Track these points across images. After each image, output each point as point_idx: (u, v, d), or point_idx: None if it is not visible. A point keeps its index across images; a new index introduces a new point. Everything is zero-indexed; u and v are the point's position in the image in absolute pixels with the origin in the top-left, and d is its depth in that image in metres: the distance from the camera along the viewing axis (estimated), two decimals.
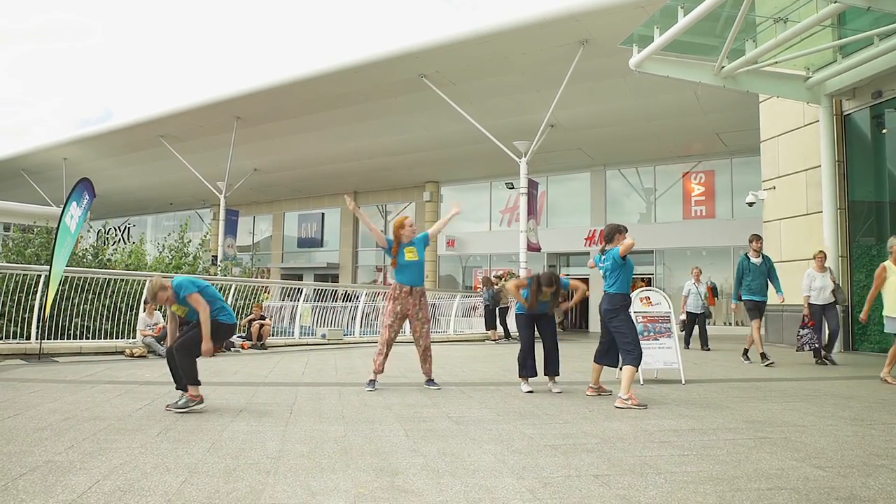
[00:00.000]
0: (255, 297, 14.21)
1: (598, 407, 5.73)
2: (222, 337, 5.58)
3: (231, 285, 13.30)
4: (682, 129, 20.75)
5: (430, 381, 7.02)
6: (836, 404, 5.92)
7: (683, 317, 13.31)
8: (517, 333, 7.16)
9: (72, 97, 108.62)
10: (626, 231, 6.36)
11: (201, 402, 5.28)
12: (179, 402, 5.23)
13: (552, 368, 6.79)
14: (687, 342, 13.24)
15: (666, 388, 7.01)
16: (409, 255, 6.89)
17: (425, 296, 7.09)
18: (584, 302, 25.06)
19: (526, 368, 6.81)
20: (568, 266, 27.20)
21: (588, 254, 24.20)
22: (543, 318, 6.81)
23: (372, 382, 6.80)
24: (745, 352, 10.35)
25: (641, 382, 7.22)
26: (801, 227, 14.05)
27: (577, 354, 12.06)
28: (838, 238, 12.86)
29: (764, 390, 6.90)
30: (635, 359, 5.91)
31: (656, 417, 5.21)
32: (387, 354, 6.89)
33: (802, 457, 3.87)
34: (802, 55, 11.88)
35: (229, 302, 12.84)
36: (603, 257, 6.36)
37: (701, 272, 13.70)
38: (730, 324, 22.03)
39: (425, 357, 7.05)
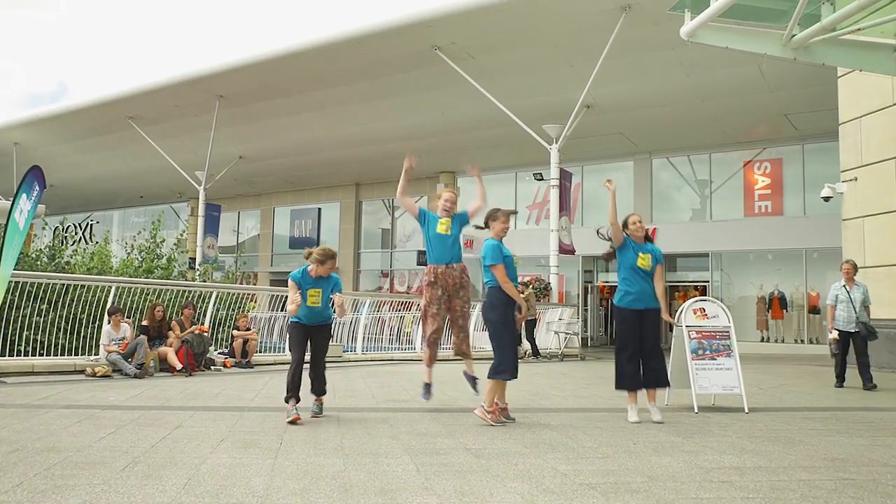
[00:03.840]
0: (239, 307, 14.24)
1: (645, 438, 5.66)
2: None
3: (211, 293, 13.33)
4: (743, 110, 20.59)
5: (471, 379, 7.29)
6: None
7: (834, 335, 10.57)
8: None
9: (19, 68, 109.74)
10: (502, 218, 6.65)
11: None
12: (316, 409, 6.64)
13: (651, 378, 6.69)
14: (840, 377, 10.44)
15: (726, 417, 6.92)
16: (441, 227, 7.14)
17: (466, 272, 7.28)
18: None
19: (624, 378, 6.74)
20: (607, 272, 27.07)
21: None
22: (647, 314, 6.70)
23: (426, 387, 7.20)
24: None
25: (696, 411, 7.14)
26: (889, 225, 13.87)
27: (611, 376, 11.97)
28: None
29: (846, 422, 6.81)
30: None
31: (714, 452, 5.15)
32: (433, 356, 7.22)
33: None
34: (892, 20, 11.71)
35: (209, 312, 12.90)
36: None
37: (856, 268, 10.59)
38: (810, 340, 21.73)
39: (464, 350, 7.26)
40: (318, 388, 6.76)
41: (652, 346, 6.72)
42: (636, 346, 6.69)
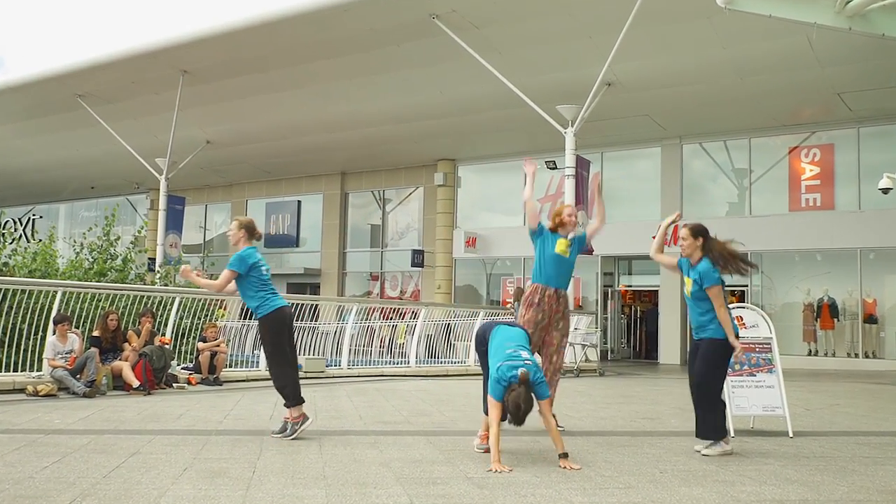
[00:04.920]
0: (207, 316, 14.23)
1: (673, 466, 5.66)
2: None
3: (174, 298, 13.34)
4: (788, 88, 20.56)
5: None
6: None
7: None
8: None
9: None
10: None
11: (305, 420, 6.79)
12: (277, 429, 6.82)
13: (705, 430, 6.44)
14: None
15: (767, 442, 6.93)
16: (560, 247, 7.26)
17: (569, 303, 7.57)
18: (653, 321, 24.93)
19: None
20: (630, 274, 27.06)
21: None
22: (698, 345, 6.58)
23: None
24: None
25: (732, 435, 7.14)
26: None
27: (641, 395, 11.98)
28: None
29: None
30: None
31: (753, 483, 5.16)
32: None
33: None
34: None
35: (171, 321, 12.91)
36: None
37: None
38: (865, 354, 21.66)
39: (552, 382, 7.15)
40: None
41: (695, 382, 6.50)
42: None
